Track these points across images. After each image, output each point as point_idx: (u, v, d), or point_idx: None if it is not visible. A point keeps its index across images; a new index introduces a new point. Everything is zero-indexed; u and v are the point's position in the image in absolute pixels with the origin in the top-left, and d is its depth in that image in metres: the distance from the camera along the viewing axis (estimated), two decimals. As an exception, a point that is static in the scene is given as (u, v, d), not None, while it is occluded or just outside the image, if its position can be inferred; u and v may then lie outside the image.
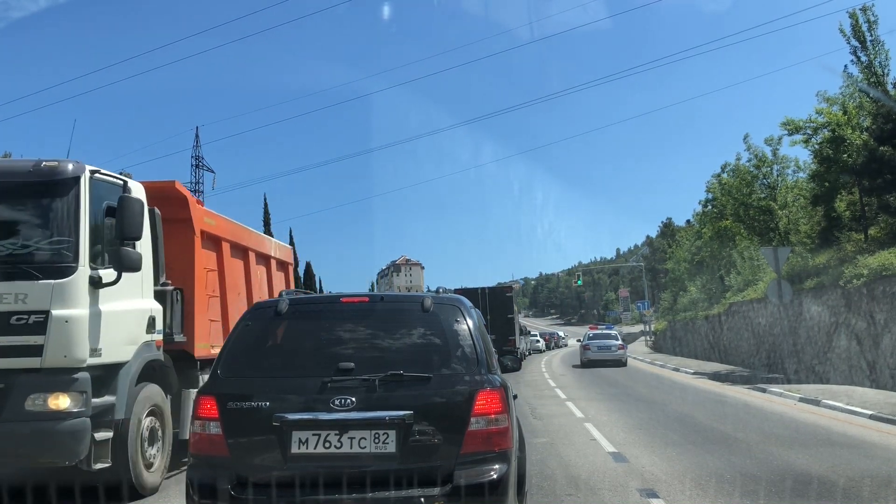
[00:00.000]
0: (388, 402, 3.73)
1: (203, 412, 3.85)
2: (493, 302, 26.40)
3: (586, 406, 13.18)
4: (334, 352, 4.00)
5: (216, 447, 3.78)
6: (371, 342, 4.11)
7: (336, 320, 4.23)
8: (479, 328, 4.20)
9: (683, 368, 23.59)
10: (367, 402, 3.73)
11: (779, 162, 31.82)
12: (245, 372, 3.99)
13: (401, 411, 3.69)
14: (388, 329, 4.12)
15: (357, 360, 3.88)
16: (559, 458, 7.87)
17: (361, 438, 3.69)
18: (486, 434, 3.74)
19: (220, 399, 3.83)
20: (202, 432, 3.83)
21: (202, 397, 3.92)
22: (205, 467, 3.81)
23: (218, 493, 3.67)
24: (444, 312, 4.14)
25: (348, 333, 4.16)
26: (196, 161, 57.05)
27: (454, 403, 3.79)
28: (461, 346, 4.00)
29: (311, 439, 3.70)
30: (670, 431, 9.60)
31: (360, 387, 3.76)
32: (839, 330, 16.72)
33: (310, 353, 4.05)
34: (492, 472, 3.69)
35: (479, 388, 3.81)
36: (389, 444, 3.68)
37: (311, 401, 3.77)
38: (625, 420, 11.04)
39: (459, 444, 3.71)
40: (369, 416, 3.71)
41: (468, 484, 3.63)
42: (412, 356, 3.98)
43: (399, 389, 3.77)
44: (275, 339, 4.19)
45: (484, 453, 3.73)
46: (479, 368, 3.92)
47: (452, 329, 4.07)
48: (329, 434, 3.70)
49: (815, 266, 20.47)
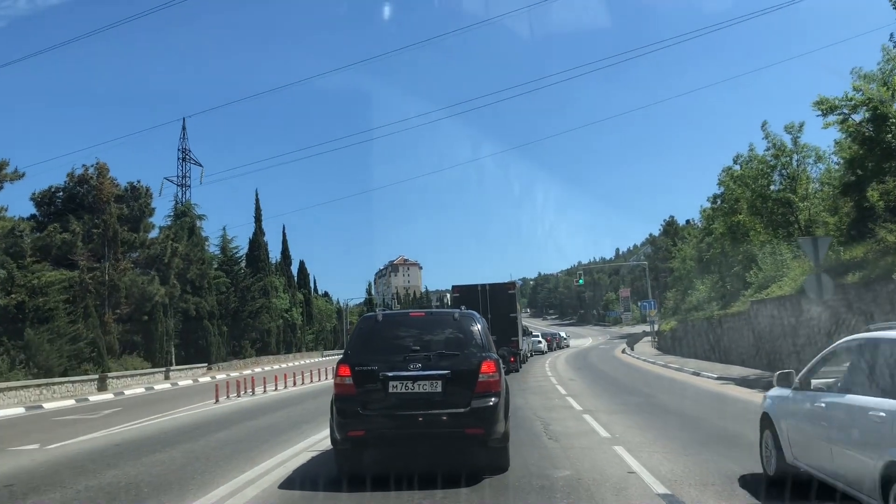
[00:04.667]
0: (437, 367, 6.89)
1: (342, 373, 6.98)
2: (493, 300, 24.33)
3: (609, 421, 11.05)
4: (408, 342, 7.15)
5: (349, 390, 6.90)
6: (426, 336, 7.26)
7: (408, 325, 7.62)
8: (484, 329, 7.49)
9: (705, 372, 21.44)
10: (426, 366, 6.89)
11: (799, 151, 29.86)
12: (362, 352, 7.16)
13: (444, 370, 6.87)
14: (435, 329, 7.44)
15: (420, 345, 7.09)
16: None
17: (424, 384, 6.85)
18: (487, 383, 6.88)
19: (351, 366, 6.96)
20: (342, 383, 6.95)
21: (341, 365, 7.03)
22: (343, 401, 6.90)
23: (351, 412, 6.83)
24: (465, 320, 7.41)
25: (415, 331, 7.36)
26: (183, 154, 54.82)
27: (471, 368, 6.93)
28: (474, 339, 7.24)
29: (398, 385, 6.84)
30: (727, 459, 7.48)
31: (422, 359, 6.94)
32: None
33: (396, 342, 7.19)
34: (490, 401, 6.85)
35: (483, 359, 6.99)
36: (437, 387, 6.84)
37: (398, 365, 6.90)
38: (663, 442, 8.90)
39: (474, 388, 6.84)
40: (428, 373, 6.86)
41: (478, 406, 6.79)
42: (448, 343, 7.18)
43: (442, 360, 6.95)
44: (376, 334, 7.35)
45: (487, 392, 6.87)
46: (483, 350, 7.16)
47: (469, 329, 7.32)
48: (407, 382, 6.85)
49: (848, 259, 18.42)
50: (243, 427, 12.05)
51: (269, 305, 53.21)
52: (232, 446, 9.65)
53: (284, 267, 65.68)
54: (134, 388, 26.53)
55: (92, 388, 24.85)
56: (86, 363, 26.01)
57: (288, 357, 54.18)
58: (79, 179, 34.74)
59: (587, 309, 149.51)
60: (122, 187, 36.59)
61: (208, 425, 12.48)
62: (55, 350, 23.67)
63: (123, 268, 31.13)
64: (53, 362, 23.43)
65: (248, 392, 20.76)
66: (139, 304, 32.36)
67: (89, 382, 24.76)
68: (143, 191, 36.81)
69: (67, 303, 25.90)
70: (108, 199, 31.61)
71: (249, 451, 9.12)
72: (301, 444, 9.48)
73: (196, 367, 37.12)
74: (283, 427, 11.75)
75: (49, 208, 35.06)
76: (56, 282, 24.58)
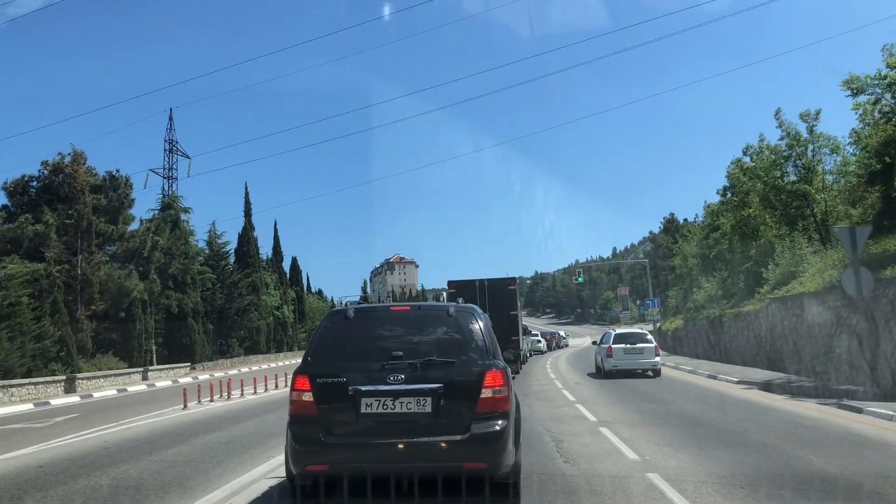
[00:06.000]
0: (426, 378, 5.27)
1: (299, 386, 5.39)
2: (493, 296, 22.54)
3: (632, 436, 9.32)
4: (388, 344, 5.53)
5: (309, 409, 5.31)
6: (412, 338, 5.60)
7: (388, 322, 5.85)
8: (487, 328, 5.80)
9: (722, 375, 19.72)
10: (411, 378, 5.27)
11: (815, 140, 28.21)
12: (327, 358, 5.55)
13: (434, 384, 5.25)
14: (424, 328, 5.72)
15: (404, 349, 5.43)
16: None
17: (408, 402, 5.23)
18: (492, 400, 5.28)
19: (311, 377, 5.37)
20: (299, 399, 5.36)
21: (298, 376, 5.43)
22: (301, 423, 5.33)
23: (310, 440, 5.20)
24: (462, 317, 5.72)
25: (397, 331, 5.67)
26: (169, 145, 52.71)
27: (471, 380, 5.32)
28: (475, 341, 5.59)
29: (374, 403, 5.23)
30: (800, 498, 5.75)
31: (406, 368, 5.30)
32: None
33: (371, 345, 5.58)
34: (496, 425, 5.21)
35: (488, 369, 5.37)
36: (426, 406, 5.22)
37: (373, 377, 5.29)
38: (708, 468, 7.14)
39: (475, 407, 5.23)
40: (413, 387, 5.24)
41: (480, 432, 5.15)
42: (441, 347, 5.53)
43: (433, 370, 5.32)
44: (346, 335, 5.67)
45: (491, 413, 5.25)
46: (487, 356, 5.50)
47: (469, 328, 5.66)
48: (386, 400, 5.23)
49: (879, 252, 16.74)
50: (201, 442, 10.26)
51: (259, 302, 51.31)
52: (175, 470, 7.86)
53: (276, 263, 63.70)
54: (106, 389, 24.69)
55: (58, 391, 23.01)
56: (53, 363, 24.16)
57: (279, 356, 52.28)
58: (54, 168, 32.83)
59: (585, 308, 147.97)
60: (101, 177, 34.74)
61: (161, 439, 10.69)
62: (16, 349, 21.81)
63: (98, 261, 29.25)
64: (14, 362, 21.57)
65: (224, 396, 18.96)
66: (116, 300, 30.49)
67: (55, 384, 22.90)
68: (122, 181, 34.90)
69: (33, 298, 24.03)
70: (83, 188, 29.68)
71: (192, 477, 7.33)
72: (261, 468, 7.70)
73: (178, 367, 35.27)
74: (248, 442, 9.97)
75: (22, 198, 33.17)
76: (17, 275, 22.69)
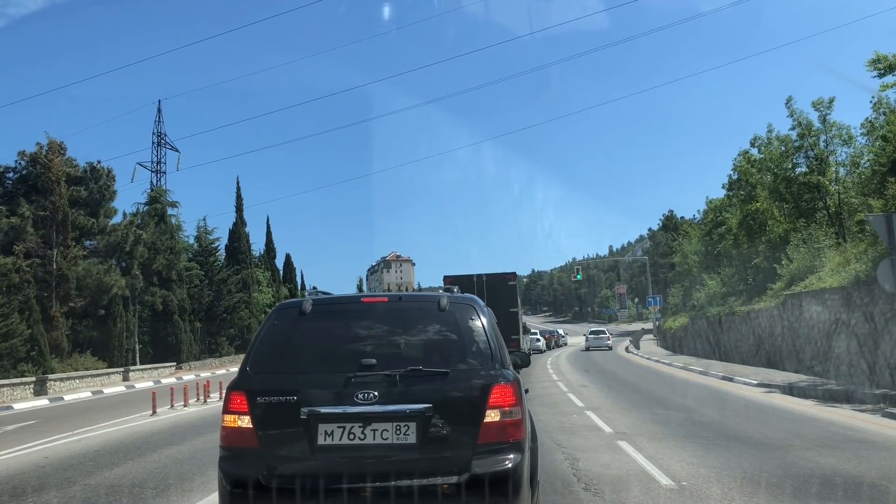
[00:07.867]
0: (409, 396, 3.75)
1: (234, 406, 3.87)
2: (492, 292, 21.07)
3: (658, 453, 7.93)
4: (357, 348, 4.01)
5: (246, 439, 3.78)
6: (391, 339, 4.10)
7: (358, 319, 4.21)
8: (492, 325, 4.26)
9: (739, 378, 18.36)
10: (388, 395, 3.75)
11: (828, 130, 26.93)
12: (272, 368, 4.01)
13: (420, 404, 3.72)
14: (407, 327, 4.16)
15: (378, 356, 3.91)
16: None
17: (384, 430, 3.71)
18: (500, 426, 3.76)
19: (250, 394, 3.85)
20: (233, 425, 3.84)
21: (233, 393, 3.92)
22: (236, 458, 3.82)
23: (248, 482, 3.66)
24: (459, 311, 4.17)
25: (370, 331, 4.14)
26: (158, 138, 51.13)
27: (470, 397, 3.81)
28: (476, 343, 4.05)
29: (336, 431, 3.72)
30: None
31: (381, 382, 3.78)
32: None
33: (334, 350, 4.05)
34: (507, 462, 3.68)
35: (494, 381, 3.83)
36: (410, 435, 3.70)
37: (336, 395, 3.78)
38: (753, 489, 5.77)
39: (476, 435, 3.72)
40: (391, 409, 3.73)
41: (484, 472, 3.61)
42: (430, 352, 4.00)
43: (418, 384, 3.80)
44: (300, 337, 4.13)
45: (499, 444, 3.72)
46: (493, 364, 3.94)
47: (467, 326, 4.11)
48: (353, 426, 3.72)
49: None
50: (154, 459, 8.83)
51: (250, 300, 49.81)
52: (107, 499, 6.45)
53: (268, 260, 62.15)
54: (80, 391, 23.22)
55: (27, 393, 21.56)
56: (23, 363, 22.70)
57: (269, 355, 50.81)
58: (31, 158, 31.30)
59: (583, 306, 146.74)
60: (82, 168, 33.21)
61: (112, 454, 9.27)
62: (-20, 348, 20.39)
63: (75, 255, 27.74)
64: (-23, 362, 20.14)
65: (200, 399, 17.52)
66: (95, 297, 29.00)
67: (23, 386, 21.44)
68: (103, 172, 33.35)
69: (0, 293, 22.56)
70: (58, 179, 28.16)
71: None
72: (210, 499, 6.29)
73: (163, 367, 33.82)
74: (207, 458, 8.54)
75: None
76: (-20, 269, 21.28)
